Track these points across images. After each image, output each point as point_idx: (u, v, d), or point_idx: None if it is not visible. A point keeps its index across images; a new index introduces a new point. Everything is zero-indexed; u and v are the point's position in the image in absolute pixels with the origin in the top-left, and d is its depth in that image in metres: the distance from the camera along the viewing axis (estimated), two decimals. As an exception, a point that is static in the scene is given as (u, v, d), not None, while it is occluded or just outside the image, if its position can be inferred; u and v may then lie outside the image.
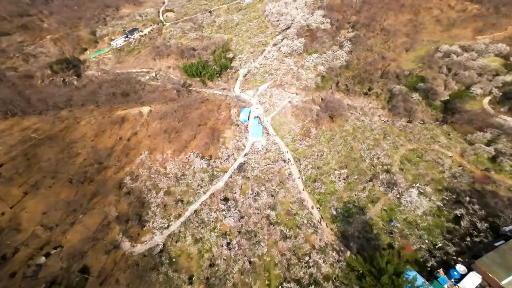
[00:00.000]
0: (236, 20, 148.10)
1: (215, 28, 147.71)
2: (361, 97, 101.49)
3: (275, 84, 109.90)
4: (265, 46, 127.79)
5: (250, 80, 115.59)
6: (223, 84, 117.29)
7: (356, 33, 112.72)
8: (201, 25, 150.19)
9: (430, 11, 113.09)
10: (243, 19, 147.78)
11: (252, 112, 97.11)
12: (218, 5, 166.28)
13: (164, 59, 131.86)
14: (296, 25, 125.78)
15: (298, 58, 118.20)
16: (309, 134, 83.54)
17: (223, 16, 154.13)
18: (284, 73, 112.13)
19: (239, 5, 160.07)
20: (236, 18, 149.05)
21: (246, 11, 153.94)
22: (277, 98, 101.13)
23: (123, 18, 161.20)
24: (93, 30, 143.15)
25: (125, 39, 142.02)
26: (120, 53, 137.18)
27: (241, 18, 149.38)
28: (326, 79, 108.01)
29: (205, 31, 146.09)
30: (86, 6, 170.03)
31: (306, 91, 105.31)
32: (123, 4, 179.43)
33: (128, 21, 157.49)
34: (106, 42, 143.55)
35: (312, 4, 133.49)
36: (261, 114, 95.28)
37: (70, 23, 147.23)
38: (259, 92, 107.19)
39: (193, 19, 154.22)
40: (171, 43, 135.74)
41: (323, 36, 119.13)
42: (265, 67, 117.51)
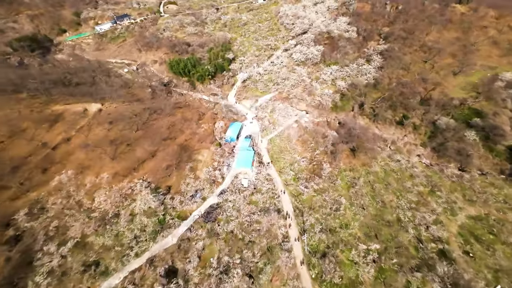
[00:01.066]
0: (244, 19, 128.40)
1: (220, 25, 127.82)
2: (393, 127, 76.40)
3: (280, 97, 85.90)
4: (274, 50, 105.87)
5: (249, 88, 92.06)
6: (216, 88, 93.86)
7: (390, 45, 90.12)
8: (204, 21, 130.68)
9: (485, 30, 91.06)
10: (253, 20, 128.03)
11: (245, 128, 72.12)
12: (228, 3, 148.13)
13: (151, 52, 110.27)
14: (314, 30, 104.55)
15: (313, 69, 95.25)
16: (320, 171, 57.45)
17: (231, 14, 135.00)
18: (293, 85, 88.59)
19: (251, 5, 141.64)
20: (245, 18, 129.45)
21: (258, 11, 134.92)
22: (281, 115, 76.46)
23: (118, 4, 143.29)
24: (79, 11, 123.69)
25: (112, 24, 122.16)
26: (102, 39, 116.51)
27: (250, 18, 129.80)
28: (346, 98, 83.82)
29: (207, 27, 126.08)
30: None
31: (320, 110, 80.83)
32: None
33: (122, 8, 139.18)
34: (90, 26, 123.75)
35: (335, 9, 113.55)
36: (256, 133, 70.10)
37: (55, 0, 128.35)
38: (258, 104, 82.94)
39: (196, 14, 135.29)
40: (164, 36, 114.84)
41: (346, 46, 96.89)
42: (271, 75, 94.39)
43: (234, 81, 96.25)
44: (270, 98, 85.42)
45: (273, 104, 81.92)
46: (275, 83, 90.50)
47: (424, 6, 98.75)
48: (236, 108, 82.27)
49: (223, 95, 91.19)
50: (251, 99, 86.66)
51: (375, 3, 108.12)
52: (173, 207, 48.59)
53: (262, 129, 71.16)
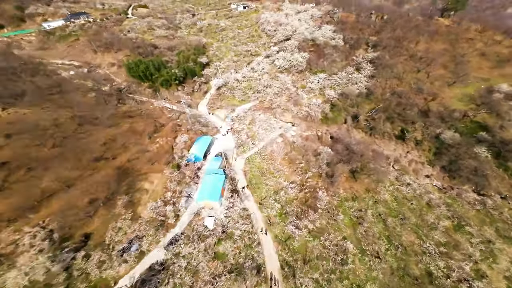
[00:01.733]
0: (223, 25, 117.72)
1: (195, 30, 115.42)
2: (392, 142, 65.25)
3: (261, 106, 72.16)
4: (255, 57, 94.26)
5: (225, 96, 77.54)
6: (184, 96, 78.07)
7: (380, 54, 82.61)
8: (178, 26, 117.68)
9: (472, 43, 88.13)
10: (232, 26, 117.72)
11: (216, 144, 56.01)
12: (205, 10, 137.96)
13: (109, 54, 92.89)
14: (298, 37, 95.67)
15: (298, 77, 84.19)
16: (315, 202, 42.23)
17: (208, 21, 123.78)
18: (276, 93, 75.83)
19: (230, 12, 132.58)
20: (224, 24, 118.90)
21: (237, 18, 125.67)
22: (262, 127, 61.98)
23: (78, 3, 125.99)
24: (23, 6, 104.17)
25: (64, 22, 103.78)
26: (49, 37, 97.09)
27: (229, 24, 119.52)
28: (338, 109, 72.41)
29: (180, 32, 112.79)
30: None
31: (308, 122, 68.03)
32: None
33: (82, 7, 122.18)
34: (37, 22, 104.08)
35: (319, 18, 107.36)
36: (230, 150, 54.19)
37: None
38: (235, 114, 68.09)
39: (169, 18, 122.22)
40: (128, 36, 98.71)
41: (333, 53, 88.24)
42: (250, 82, 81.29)
43: (208, 88, 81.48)
44: (249, 108, 71.24)
45: (252, 114, 67.60)
46: (256, 91, 77.18)
47: (408, 17, 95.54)
48: (207, 119, 66.49)
49: (193, 104, 75.43)
50: (227, 108, 71.78)
51: (360, 13, 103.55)
52: (85, 272, 29.50)
53: (238, 144, 55.49)
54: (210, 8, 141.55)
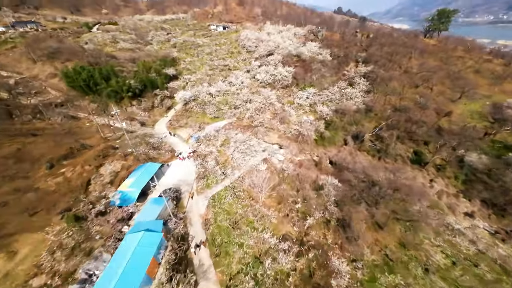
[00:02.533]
0: (200, 43, 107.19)
1: (167, 46, 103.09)
2: (407, 167, 50.45)
3: (239, 124, 55.79)
4: (233, 71, 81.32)
5: (194, 112, 60.77)
6: (140, 112, 60.14)
7: (374, 68, 73.34)
8: (149, 42, 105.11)
9: (463, 61, 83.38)
10: (209, 44, 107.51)
11: (166, 175, 36.70)
12: (183, 31, 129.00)
13: (53, 64, 74.77)
14: (281, 52, 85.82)
15: (284, 92, 71.17)
16: (328, 279, 23.08)
17: (184, 37, 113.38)
18: (258, 109, 60.73)
19: (209, 32, 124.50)
20: (201, 42, 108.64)
21: (216, 37, 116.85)
22: (239, 150, 44.50)
23: (34, 15, 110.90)
24: None
25: (4, 29, 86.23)
26: (-25, 43, 77.80)
27: (207, 42, 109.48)
28: (334, 127, 58.14)
29: (150, 47, 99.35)
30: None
31: (300, 143, 52.06)
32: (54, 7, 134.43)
33: (38, 19, 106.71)
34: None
35: (303, 36, 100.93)
36: (187, 184, 34.98)
37: None
38: (203, 134, 50.40)
39: (140, 33, 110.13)
40: (83, 47, 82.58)
41: (321, 68, 78.08)
42: (227, 96, 66.17)
43: (173, 103, 64.60)
44: (223, 126, 54.34)
45: (227, 134, 50.43)
46: (233, 106, 61.54)
47: (394, 36, 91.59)
48: (162, 140, 47.89)
49: (149, 122, 57.28)
50: (194, 127, 54.27)
51: (344, 32, 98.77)
52: None
53: (200, 175, 36.61)
54: (188, 29, 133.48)
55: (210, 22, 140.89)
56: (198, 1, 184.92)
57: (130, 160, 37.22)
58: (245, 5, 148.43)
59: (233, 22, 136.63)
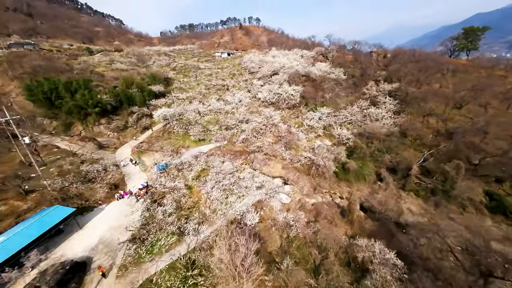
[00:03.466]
0: (201, 66, 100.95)
1: (167, 69, 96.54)
2: (487, 219, 31.86)
3: (229, 149, 41.09)
4: (232, 90, 70.32)
5: (173, 133, 47.15)
6: (109, 132, 47.23)
7: (401, 85, 59.84)
8: (148, 65, 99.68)
9: (506, 80, 68.79)
10: (211, 67, 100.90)
11: (83, 231, 20.66)
12: (187, 58, 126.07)
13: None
14: (287, 71, 75.43)
15: (290, 113, 57.67)
16: None
17: (186, 62, 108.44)
18: (257, 130, 46.46)
19: (212, 58, 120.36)
20: (202, 66, 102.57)
21: (219, 62, 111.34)
22: (221, 187, 28.50)
23: (41, 42, 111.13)
24: None
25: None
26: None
27: (209, 66, 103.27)
28: (360, 155, 41.95)
29: (148, 69, 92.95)
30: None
31: (314, 177, 35.73)
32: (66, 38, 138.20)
33: (44, 45, 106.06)
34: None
35: (311, 57, 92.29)
36: (113, 250, 18.67)
37: None
38: (176, 161, 35.40)
39: (142, 58, 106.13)
40: (71, 65, 76.01)
41: (335, 87, 65.66)
42: (218, 115, 53.08)
43: (152, 123, 51.74)
44: (207, 151, 39.64)
45: (208, 161, 35.28)
46: (224, 127, 47.72)
47: (416, 55, 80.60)
48: (110, 169, 33.18)
49: (117, 143, 43.73)
50: (168, 152, 39.82)
51: (357, 52, 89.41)
52: None
53: (136, 234, 20.31)
54: (193, 56, 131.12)
55: (216, 50, 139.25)
56: (207, 35, 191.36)
57: (33, 200, 21.97)
58: (251, 35, 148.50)
59: (238, 49, 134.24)
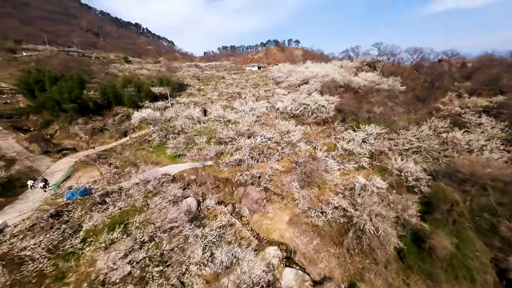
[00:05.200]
0: (226, 76, 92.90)
1: (192, 78, 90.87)
2: None
3: (209, 176, 25.46)
4: (245, 97, 56.77)
5: (149, 142, 34.30)
6: (82, 134, 37.49)
7: (509, 99, 36.73)
8: (173, 71, 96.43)
9: None
10: (236, 78, 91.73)
11: None
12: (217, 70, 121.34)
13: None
14: (321, 79, 58.76)
15: (320, 130, 40.01)
16: None
17: (212, 72, 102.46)
18: (260, 149, 30.17)
19: (243, 72, 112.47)
20: (228, 77, 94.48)
21: (247, 75, 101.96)
22: (143, 265, 12.58)
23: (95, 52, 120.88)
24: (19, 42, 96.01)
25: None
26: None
27: (235, 77, 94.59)
28: (451, 216, 20.86)
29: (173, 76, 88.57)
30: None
31: (350, 255, 16.55)
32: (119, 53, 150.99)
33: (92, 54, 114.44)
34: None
35: (353, 67, 73.99)
36: None
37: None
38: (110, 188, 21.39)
39: (171, 67, 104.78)
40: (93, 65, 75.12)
41: (388, 101, 45.78)
42: (217, 124, 38.91)
43: (136, 127, 40.63)
44: (176, 174, 24.90)
45: (158, 192, 20.19)
46: (215, 140, 32.97)
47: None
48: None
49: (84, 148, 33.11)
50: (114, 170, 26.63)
51: (418, 63, 67.64)
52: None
53: None
54: (224, 69, 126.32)
55: (247, 65, 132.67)
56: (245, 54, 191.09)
57: None
58: (285, 50, 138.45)
59: (271, 64, 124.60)
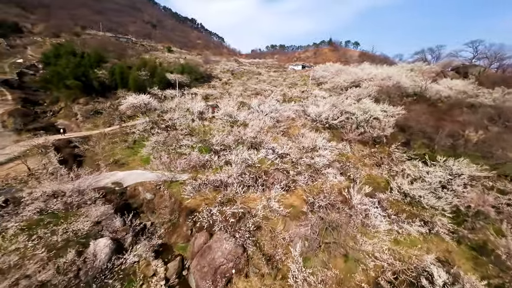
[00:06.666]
0: (262, 73, 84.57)
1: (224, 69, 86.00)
2: None
3: (164, 201, 16.92)
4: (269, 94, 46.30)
5: (128, 135, 27.60)
6: (79, 115, 33.93)
7: None
8: (211, 64, 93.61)
9: None
10: (272, 75, 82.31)
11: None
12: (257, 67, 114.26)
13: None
14: (380, 82, 43.83)
15: (364, 152, 26.59)
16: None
17: (248, 67, 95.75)
18: (257, 170, 19.44)
19: (283, 70, 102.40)
20: (265, 73, 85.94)
21: (288, 74, 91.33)
22: None
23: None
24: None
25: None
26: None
27: (273, 75, 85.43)
28: None
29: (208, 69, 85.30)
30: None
31: None
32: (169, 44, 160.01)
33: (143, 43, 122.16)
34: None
35: (432, 72, 54.86)
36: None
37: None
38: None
39: (208, 59, 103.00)
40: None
41: (492, 124, 28.79)
42: (221, 123, 29.83)
43: (135, 115, 35.17)
44: (129, 186, 16.71)
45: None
46: (201, 146, 23.85)
47: None
48: None
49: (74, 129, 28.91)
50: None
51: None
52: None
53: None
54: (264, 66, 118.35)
55: (291, 63, 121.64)
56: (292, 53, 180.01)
57: None
58: (339, 51, 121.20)
59: (318, 63, 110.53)
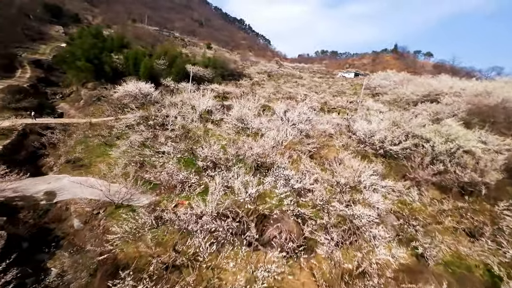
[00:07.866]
0: (304, 77, 75.79)
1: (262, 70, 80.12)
2: None
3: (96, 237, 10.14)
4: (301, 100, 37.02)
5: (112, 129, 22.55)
6: (71, 106, 31.46)
7: None
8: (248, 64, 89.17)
9: None
10: (317, 81, 72.54)
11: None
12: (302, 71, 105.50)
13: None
14: (470, 98, 30.85)
15: (444, 204, 15.49)
16: None
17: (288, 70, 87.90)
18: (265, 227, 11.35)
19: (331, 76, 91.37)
20: (307, 78, 76.86)
21: (334, 81, 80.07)
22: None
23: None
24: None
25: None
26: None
27: (316, 80, 75.78)
28: None
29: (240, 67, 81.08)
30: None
31: None
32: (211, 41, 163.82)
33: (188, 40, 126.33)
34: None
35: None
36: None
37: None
38: None
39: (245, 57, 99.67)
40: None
41: None
42: (225, 130, 22.64)
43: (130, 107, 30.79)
44: (66, 201, 11.29)
45: None
46: (189, 158, 16.76)
47: None
48: None
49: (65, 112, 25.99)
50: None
51: None
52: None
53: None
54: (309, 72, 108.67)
55: (341, 70, 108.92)
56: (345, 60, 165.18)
57: None
58: (405, 59, 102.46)
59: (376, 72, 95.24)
